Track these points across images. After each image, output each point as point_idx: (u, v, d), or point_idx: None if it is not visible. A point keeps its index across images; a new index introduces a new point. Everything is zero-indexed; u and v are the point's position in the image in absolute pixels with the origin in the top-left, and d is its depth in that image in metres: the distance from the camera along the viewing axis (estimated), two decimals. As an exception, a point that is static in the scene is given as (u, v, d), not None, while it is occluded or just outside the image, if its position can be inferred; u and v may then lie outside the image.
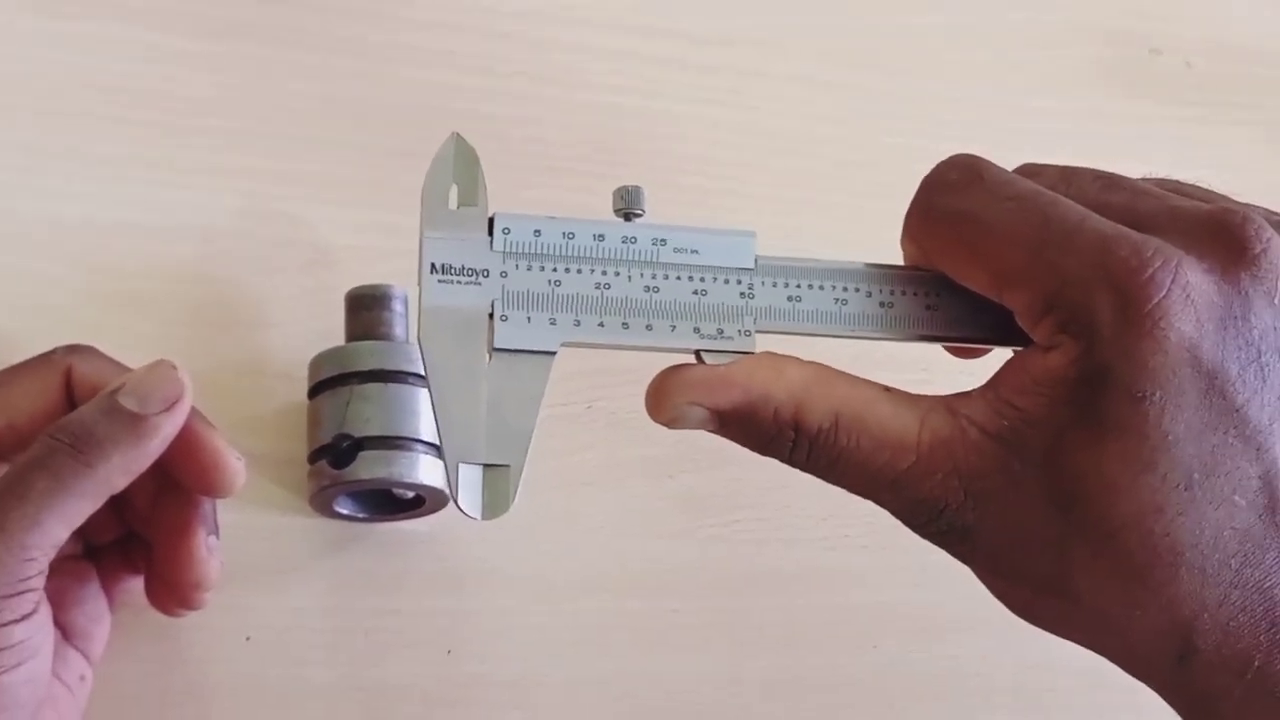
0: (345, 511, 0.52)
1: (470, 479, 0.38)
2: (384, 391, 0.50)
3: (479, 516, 0.38)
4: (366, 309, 0.52)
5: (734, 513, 0.57)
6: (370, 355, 0.51)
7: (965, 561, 0.39)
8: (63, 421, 0.43)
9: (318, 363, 0.52)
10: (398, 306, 0.53)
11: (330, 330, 0.54)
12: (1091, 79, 0.71)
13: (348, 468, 0.50)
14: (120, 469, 0.42)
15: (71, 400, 0.45)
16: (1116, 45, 0.73)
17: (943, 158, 0.40)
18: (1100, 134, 0.69)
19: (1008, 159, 0.41)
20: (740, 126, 0.65)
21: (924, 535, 0.39)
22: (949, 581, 0.55)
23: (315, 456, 0.51)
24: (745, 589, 0.56)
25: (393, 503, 0.52)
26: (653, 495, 0.56)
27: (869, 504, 0.57)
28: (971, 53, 0.70)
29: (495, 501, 0.38)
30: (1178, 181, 0.41)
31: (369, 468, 0.50)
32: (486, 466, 0.38)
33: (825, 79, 0.67)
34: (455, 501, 0.38)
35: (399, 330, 0.52)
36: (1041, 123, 0.69)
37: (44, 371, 0.45)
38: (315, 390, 0.52)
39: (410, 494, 0.52)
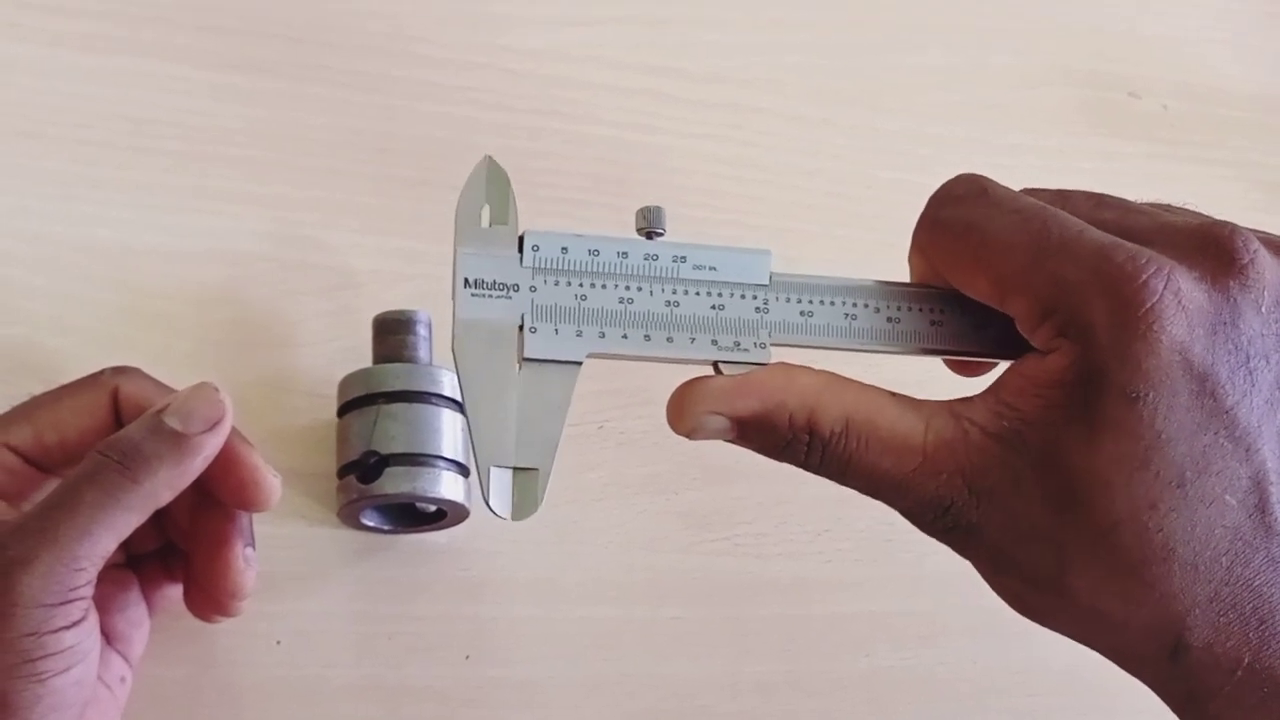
0: (371, 523, 0.54)
1: (501, 481, 0.38)
2: (409, 411, 0.52)
3: (509, 517, 0.39)
4: (393, 333, 0.54)
5: (735, 527, 0.59)
6: (396, 377, 0.53)
7: (968, 556, 0.40)
8: (111, 439, 0.44)
9: (346, 383, 0.54)
10: (422, 331, 0.54)
11: (354, 350, 0.55)
12: (1072, 119, 0.74)
13: (374, 482, 0.51)
14: (165, 484, 0.44)
15: (119, 418, 0.47)
16: (1097, 88, 0.75)
17: (925, 191, 0.42)
18: (1081, 170, 0.71)
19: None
20: (741, 160, 0.67)
21: (931, 533, 0.40)
22: (939, 592, 0.58)
23: (344, 471, 0.52)
24: (745, 598, 0.57)
25: (416, 515, 0.54)
26: (658, 510, 0.58)
27: (863, 520, 0.60)
28: (958, 93, 0.72)
29: (525, 502, 0.39)
30: (1166, 204, 0.42)
31: (394, 482, 0.51)
32: (516, 470, 0.39)
33: (820, 116, 0.69)
34: (487, 502, 0.39)
35: (423, 353, 0.54)
36: (1025, 159, 0.71)
37: (93, 391, 0.47)
38: (344, 409, 0.53)
39: (432, 507, 0.54)
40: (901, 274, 0.43)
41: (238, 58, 0.62)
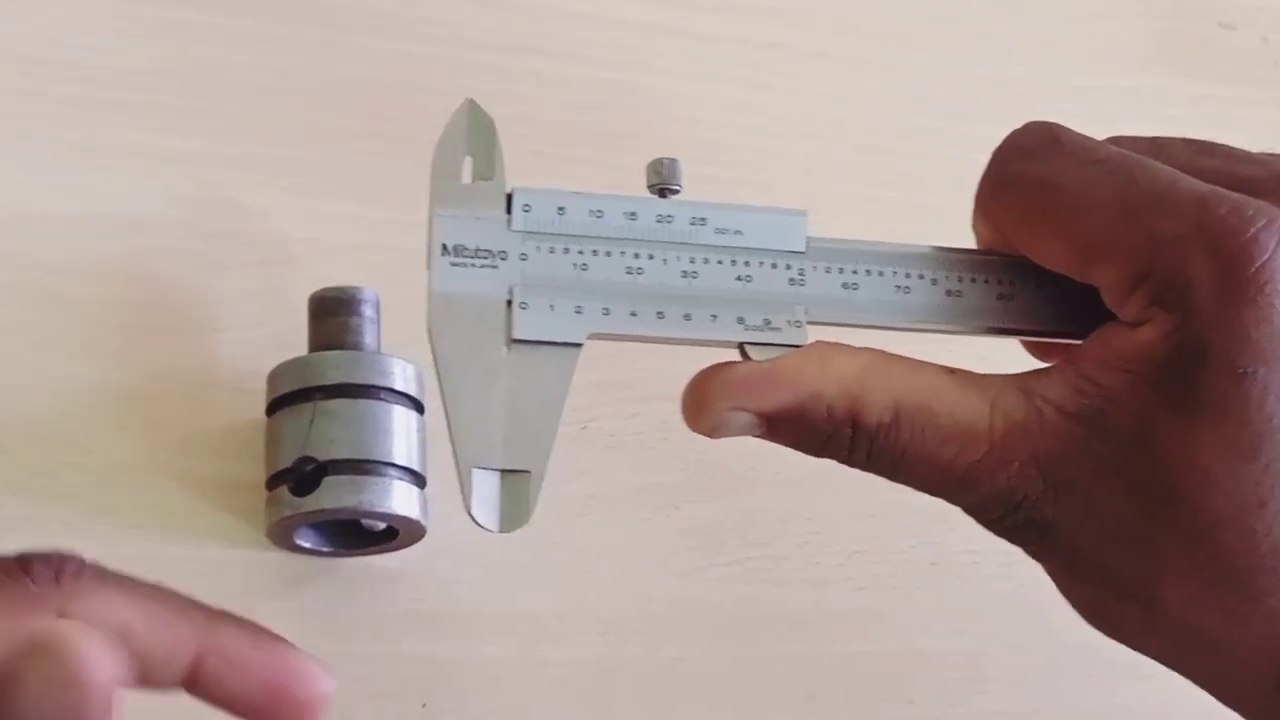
0: (307, 544, 0.53)
1: (486, 486, 0.38)
2: (352, 409, 0.51)
3: (496, 528, 0.39)
4: (333, 314, 0.53)
5: (749, 549, 0.58)
6: (337, 367, 0.52)
7: (1040, 559, 0.41)
8: None
9: (276, 375, 0.53)
10: (368, 311, 0.53)
11: (286, 336, 0.54)
12: (1149, 56, 0.73)
13: (310, 495, 0.51)
14: None
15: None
16: (1180, 18, 0.74)
17: (975, 143, 0.42)
18: (1162, 117, 0.70)
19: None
20: (753, 106, 0.66)
21: (998, 531, 0.40)
22: (994, 627, 0.58)
23: (274, 482, 0.52)
24: (761, 635, 0.57)
25: (361, 535, 0.53)
26: (656, 529, 0.57)
27: (904, 538, 0.60)
28: (1011, 24, 0.72)
29: (514, 511, 0.39)
30: (1275, 153, 0.41)
31: (334, 495, 0.51)
32: (504, 472, 0.39)
33: (848, 53, 0.69)
34: (469, 511, 0.38)
35: (369, 338, 0.53)
36: (1094, 104, 0.70)
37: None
38: (274, 406, 0.52)
39: (381, 525, 0.53)
40: (949, 239, 0.43)
41: (145, -18, 0.61)
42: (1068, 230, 0.39)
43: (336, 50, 0.62)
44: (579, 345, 0.39)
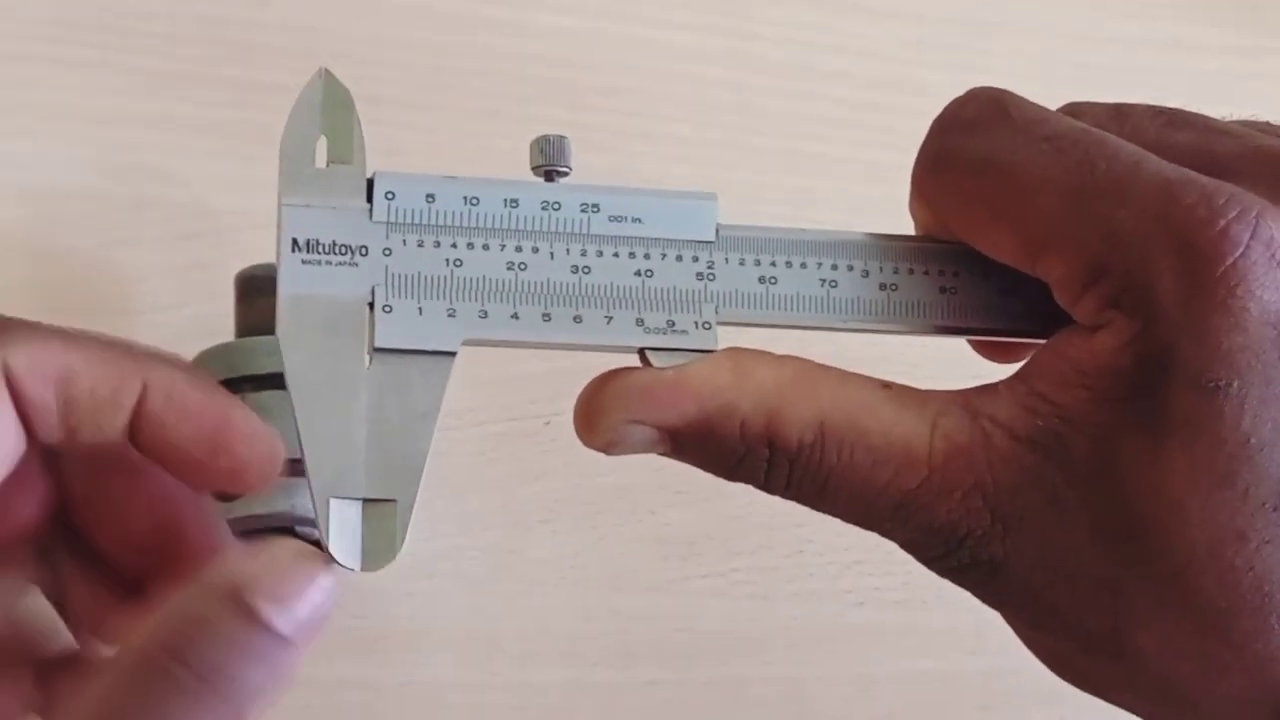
0: (234, 555, 0.54)
1: (345, 519, 0.38)
2: (285, 402, 0.50)
3: (356, 567, 0.38)
4: (263, 293, 0.53)
5: (732, 559, 0.59)
6: (269, 354, 0.52)
7: (993, 604, 0.40)
8: (176, 636, 0.37)
9: (200, 363, 0.53)
10: None
11: (212, 319, 0.55)
12: (1186, 3, 0.73)
13: (237, 500, 0.50)
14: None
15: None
16: (1220, -39, 0.75)
17: None
18: (1194, 72, 0.71)
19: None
20: (733, 59, 0.67)
21: (941, 572, 0.39)
22: (1009, 646, 0.57)
23: None
24: (745, 656, 0.58)
25: (295, 544, 0.54)
26: (628, 536, 0.58)
27: None
28: (1033, -36, 0.73)
29: (378, 547, 0.38)
30: (1264, 121, 0.41)
31: (264, 500, 0.52)
32: (367, 502, 0.38)
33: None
34: (325, 547, 0.38)
35: None
36: (1116, 58, 0.72)
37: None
38: None
39: (318, 533, 0.53)
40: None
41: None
42: (1012, 218, 0.38)
43: (261, -7, 0.63)
44: (453, 354, 0.38)
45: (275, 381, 0.52)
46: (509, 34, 0.64)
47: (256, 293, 0.54)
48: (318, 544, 0.52)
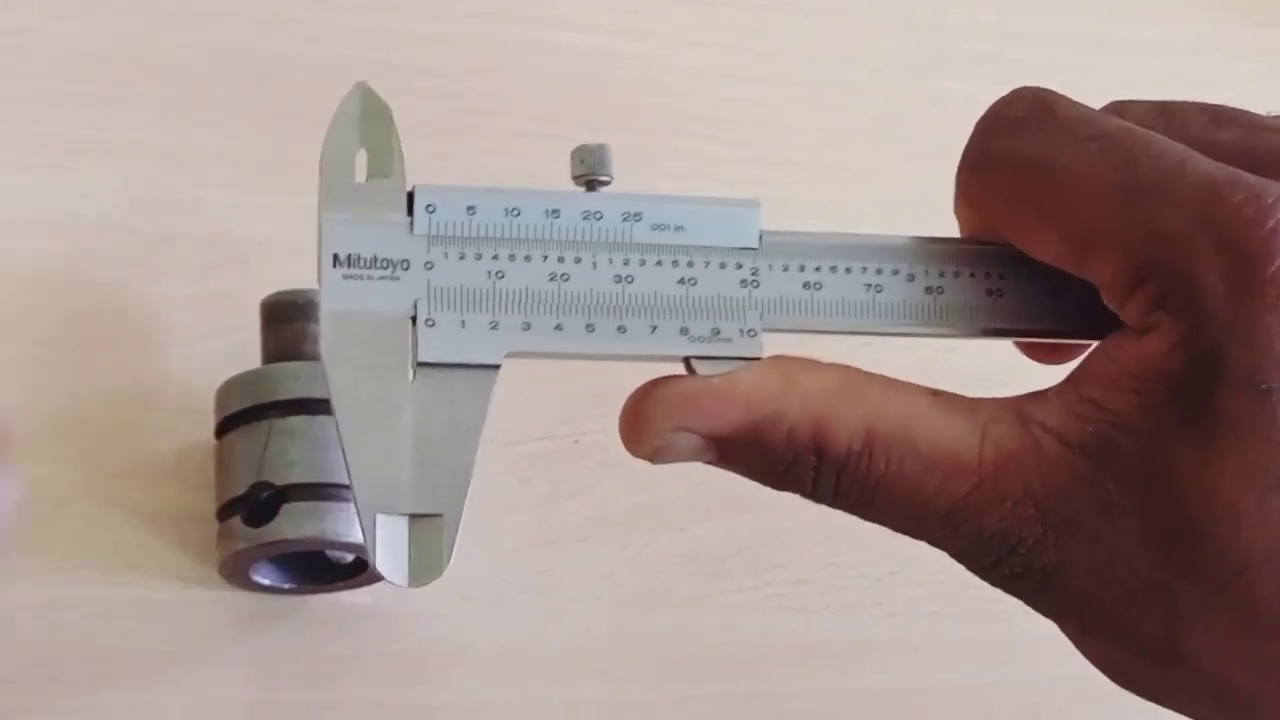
0: (267, 581, 0.54)
1: (392, 535, 0.38)
2: (311, 426, 0.52)
3: (405, 583, 0.38)
4: (288, 320, 0.54)
5: (765, 573, 0.59)
6: (294, 380, 0.53)
7: (1047, 612, 0.40)
8: None
9: (227, 391, 0.54)
10: None
11: (238, 348, 0.55)
12: (1214, 2, 0.73)
13: (268, 525, 0.51)
14: None
15: None
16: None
17: None
18: (1233, 74, 0.71)
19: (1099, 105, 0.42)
20: (757, 74, 0.67)
21: (993, 581, 0.39)
22: (1046, 658, 0.57)
23: (226, 512, 0.52)
24: (779, 669, 0.58)
25: (327, 568, 0.54)
26: (661, 553, 0.58)
27: (940, 559, 0.58)
28: (1057, -29, 0.72)
29: (426, 562, 0.38)
30: None
31: (295, 524, 0.51)
32: (413, 517, 0.38)
33: (867, 9, 0.69)
34: (372, 564, 0.38)
35: None
36: (1148, 60, 0.71)
37: None
38: (224, 427, 0.53)
39: (349, 557, 0.54)
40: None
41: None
42: (1058, 218, 0.38)
43: (282, 26, 0.63)
44: (496, 367, 0.38)
45: (302, 407, 0.53)
46: (531, 55, 0.65)
47: (281, 319, 0.54)
48: (348, 567, 0.54)
